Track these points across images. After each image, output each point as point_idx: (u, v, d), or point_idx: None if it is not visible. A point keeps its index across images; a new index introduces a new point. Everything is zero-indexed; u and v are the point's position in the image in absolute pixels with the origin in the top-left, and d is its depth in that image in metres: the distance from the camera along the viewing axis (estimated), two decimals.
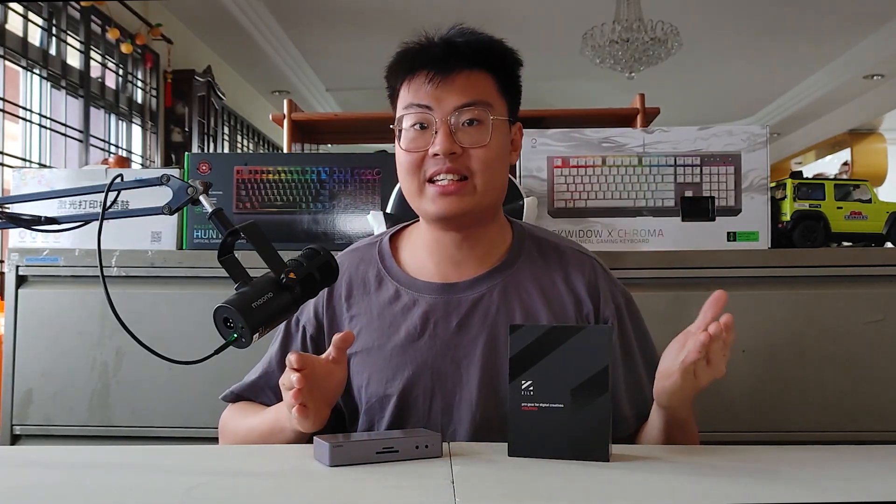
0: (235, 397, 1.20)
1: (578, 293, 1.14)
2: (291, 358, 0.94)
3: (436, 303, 1.12)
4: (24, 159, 3.73)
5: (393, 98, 1.14)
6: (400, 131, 1.10)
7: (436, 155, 1.06)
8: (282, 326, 1.19)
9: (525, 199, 1.56)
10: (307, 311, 1.17)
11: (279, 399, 1.14)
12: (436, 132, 1.06)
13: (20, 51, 3.69)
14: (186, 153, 1.73)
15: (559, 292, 1.14)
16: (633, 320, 1.17)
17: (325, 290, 1.15)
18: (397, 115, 1.11)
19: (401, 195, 1.36)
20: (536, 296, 1.13)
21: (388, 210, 1.58)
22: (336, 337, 0.98)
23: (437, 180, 1.07)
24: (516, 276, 1.14)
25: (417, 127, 1.08)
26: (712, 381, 0.94)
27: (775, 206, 1.68)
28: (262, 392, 1.18)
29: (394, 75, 1.13)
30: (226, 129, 6.12)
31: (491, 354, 1.10)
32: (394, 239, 1.21)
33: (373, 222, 1.57)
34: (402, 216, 1.49)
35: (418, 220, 1.18)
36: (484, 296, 1.12)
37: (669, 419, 1.03)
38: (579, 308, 1.14)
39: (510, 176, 1.59)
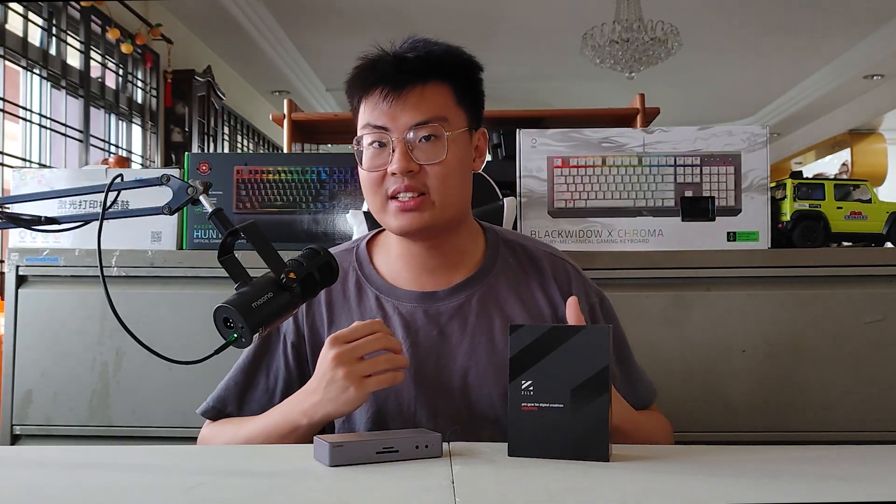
0: (216, 413, 1.17)
1: (552, 297, 1.16)
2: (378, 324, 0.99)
3: (416, 311, 1.13)
4: (24, 159, 3.73)
5: (354, 113, 1.14)
6: (360, 150, 1.10)
7: (394, 174, 1.07)
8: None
9: (504, 200, 1.56)
10: (287, 320, 1.15)
11: (262, 410, 1.14)
12: (393, 150, 1.07)
13: (20, 51, 3.69)
14: (186, 153, 1.73)
15: (535, 297, 1.16)
16: (607, 320, 1.19)
17: None
18: (357, 134, 1.11)
19: None
20: (514, 302, 1.15)
21: (365, 209, 1.57)
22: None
23: (398, 197, 1.08)
24: (494, 283, 1.16)
25: (376, 146, 1.09)
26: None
27: (775, 206, 1.68)
28: (246, 403, 1.16)
29: (351, 92, 1.13)
30: (226, 129, 6.12)
31: (472, 361, 1.11)
32: (370, 244, 1.21)
33: (352, 221, 1.57)
34: None
35: None
36: (463, 304, 1.14)
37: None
38: (554, 311, 1.16)
39: (488, 178, 1.60)
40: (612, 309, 1.21)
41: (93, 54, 4.33)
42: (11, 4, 3.49)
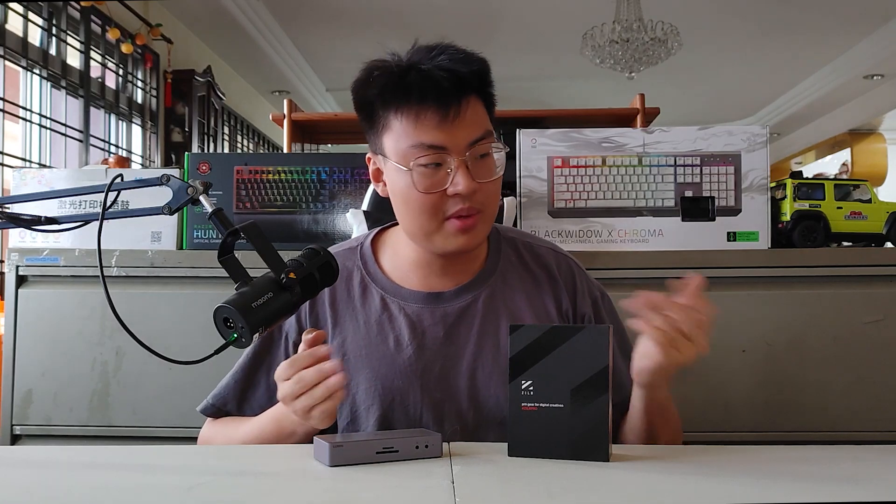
0: (216, 411, 1.17)
1: (558, 292, 1.16)
2: (312, 341, 0.94)
3: (422, 312, 1.12)
4: (24, 159, 3.73)
5: (373, 121, 1.07)
6: (406, 168, 1.04)
7: (458, 194, 1.03)
8: None
9: (504, 200, 1.56)
10: (289, 319, 1.14)
11: (263, 408, 1.13)
12: (450, 170, 1.03)
13: (20, 51, 3.69)
14: (186, 153, 1.73)
15: (540, 293, 1.16)
16: (609, 315, 1.19)
17: None
18: (401, 152, 1.04)
19: (376, 193, 1.35)
20: (520, 300, 1.14)
21: (365, 208, 1.57)
22: (308, 337, 0.96)
23: (460, 217, 1.05)
24: (499, 281, 1.15)
25: (432, 167, 1.03)
26: (698, 361, 0.94)
27: (775, 206, 1.68)
28: (247, 402, 1.16)
29: (384, 102, 1.05)
30: (226, 129, 6.12)
31: (478, 362, 1.11)
32: (375, 242, 1.20)
33: (352, 220, 1.57)
34: (380, 214, 1.48)
35: (398, 224, 1.14)
36: (470, 304, 1.13)
37: (649, 401, 1.03)
38: (559, 306, 1.16)
39: None
40: (614, 308, 1.21)
41: (93, 54, 4.33)
42: (11, 4, 3.49)
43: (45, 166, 3.84)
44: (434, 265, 1.14)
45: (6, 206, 0.97)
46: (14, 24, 3.67)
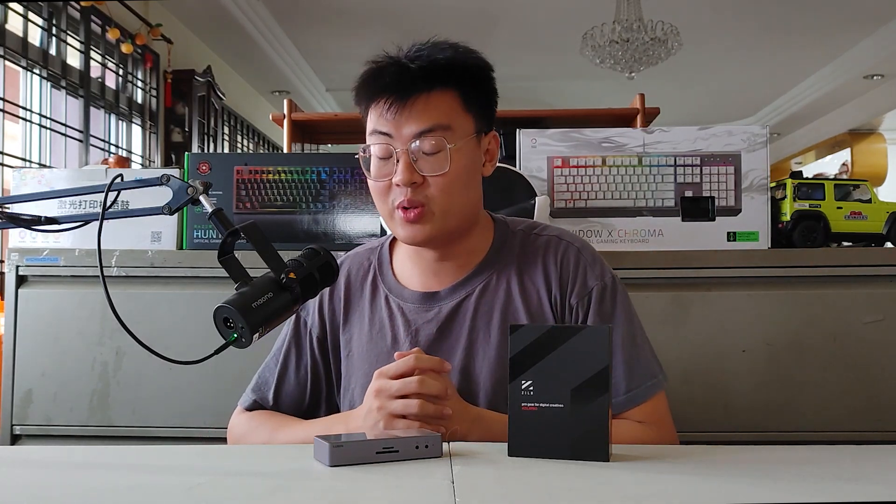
0: (253, 403, 1.20)
1: (550, 280, 1.14)
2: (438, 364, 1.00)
3: (418, 311, 1.14)
4: (24, 159, 3.73)
5: (363, 119, 1.15)
6: (367, 158, 1.10)
7: (398, 185, 1.07)
8: (289, 327, 1.20)
9: (537, 199, 1.56)
10: (312, 314, 1.20)
11: (294, 404, 1.18)
12: (397, 161, 1.07)
13: (20, 51, 3.69)
14: (186, 153, 1.73)
15: (535, 284, 1.15)
16: (612, 305, 1.14)
17: (327, 291, 1.17)
18: (365, 142, 1.11)
19: None
20: (514, 293, 1.14)
21: None
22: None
23: (403, 208, 1.08)
24: (495, 277, 1.15)
25: (381, 156, 1.09)
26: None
27: (775, 206, 1.68)
28: (280, 396, 1.19)
29: (358, 99, 1.13)
30: (226, 129, 6.12)
31: (471, 359, 1.12)
32: (392, 243, 1.23)
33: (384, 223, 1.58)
34: None
35: None
36: (463, 301, 1.14)
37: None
38: (550, 294, 1.14)
39: (522, 175, 1.59)
40: (620, 297, 1.15)
41: (93, 54, 4.32)
42: (11, 4, 3.49)
43: (45, 166, 3.84)
44: (431, 266, 1.16)
45: (6, 206, 0.97)
46: (14, 24, 3.67)
